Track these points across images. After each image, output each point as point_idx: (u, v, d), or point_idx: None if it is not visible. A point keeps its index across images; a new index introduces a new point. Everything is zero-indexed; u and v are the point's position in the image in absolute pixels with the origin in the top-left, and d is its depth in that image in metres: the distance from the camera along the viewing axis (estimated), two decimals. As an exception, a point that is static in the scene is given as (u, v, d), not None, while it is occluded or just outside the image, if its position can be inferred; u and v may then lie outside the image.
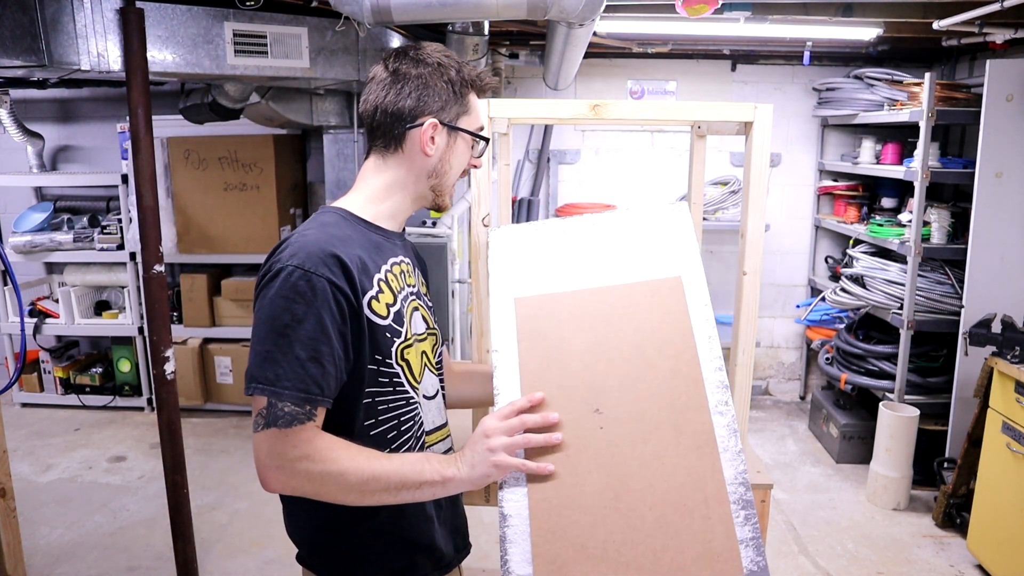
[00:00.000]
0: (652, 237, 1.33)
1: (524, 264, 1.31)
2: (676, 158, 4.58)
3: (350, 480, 1.07)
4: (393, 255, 1.25)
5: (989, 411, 2.84)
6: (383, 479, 1.08)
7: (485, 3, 2.15)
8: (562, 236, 1.35)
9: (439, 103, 1.20)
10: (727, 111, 1.54)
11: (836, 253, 4.60)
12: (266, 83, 3.17)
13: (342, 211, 1.22)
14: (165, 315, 2.41)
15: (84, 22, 2.23)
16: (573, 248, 1.33)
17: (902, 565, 2.96)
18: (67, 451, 4.02)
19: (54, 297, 4.69)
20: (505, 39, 3.90)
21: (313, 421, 1.07)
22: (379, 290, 1.17)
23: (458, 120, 1.23)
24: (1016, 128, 3.06)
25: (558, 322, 1.23)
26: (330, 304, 1.07)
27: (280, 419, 1.04)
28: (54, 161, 4.88)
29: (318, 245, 1.10)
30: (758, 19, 3.01)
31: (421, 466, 1.11)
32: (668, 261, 1.29)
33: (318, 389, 1.06)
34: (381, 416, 1.18)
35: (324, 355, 1.07)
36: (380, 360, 1.16)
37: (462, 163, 1.27)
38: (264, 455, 1.06)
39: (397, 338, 1.18)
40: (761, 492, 1.61)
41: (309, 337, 1.06)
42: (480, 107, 1.27)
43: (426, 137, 1.20)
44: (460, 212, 3.75)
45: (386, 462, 1.09)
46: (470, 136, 1.26)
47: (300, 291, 1.06)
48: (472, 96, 1.24)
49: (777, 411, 4.66)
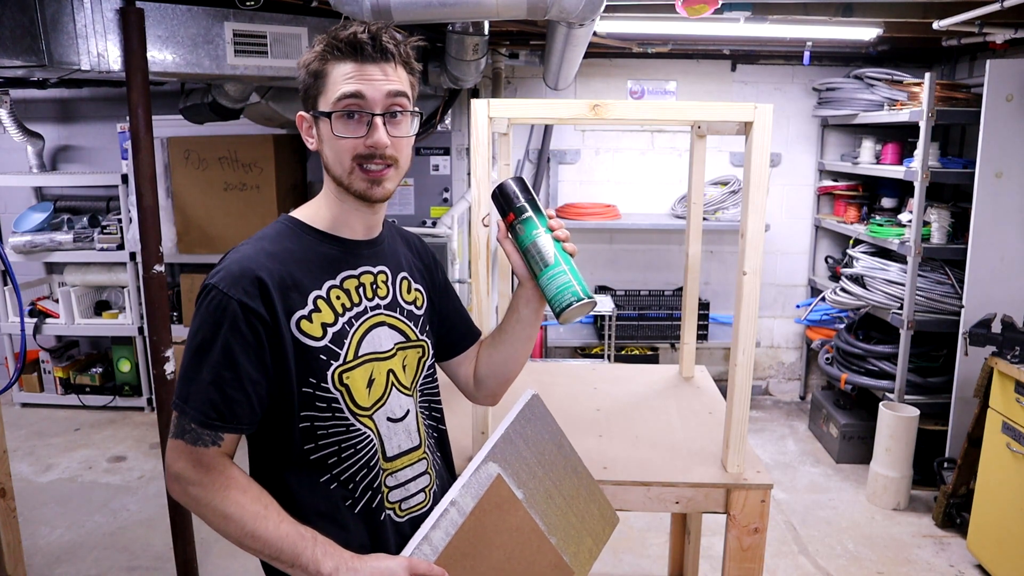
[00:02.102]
0: (583, 526, 1.38)
1: (526, 450, 1.30)
2: (676, 158, 4.59)
3: (230, 528, 1.06)
4: (351, 267, 1.18)
5: (989, 411, 2.84)
6: (260, 542, 1.06)
7: (485, 3, 2.14)
8: (559, 450, 1.37)
9: (305, 95, 1.16)
10: (727, 111, 1.54)
11: (836, 253, 4.60)
12: (266, 83, 3.17)
13: (291, 221, 1.19)
14: (165, 315, 2.41)
15: (84, 22, 2.23)
16: (555, 471, 1.35)
17: (902, 565, 2.96)
18: (67, 451, 4.02)
19: (54, 297, 4.69)
20: (505, 39, 3.90)
21: (218, 446, 1.07)
22: (314, 308, 1.12)
23: (318, 104, 1.13)
24: (1016, 128, 3.06)
25: (500, 527, 1.22)
26: (241, 329, 1.06)
27: (187, 434, 1.06)
28: (54, 161, 4.88)
29: (241, 264, 1.08)
30: (758, 19, 3.01)
31: (303, 547, 1.06)
32: (583, 553, 1.35)
33: (217, 415, 1.06)
34: (321, 441, 1.14)
35: (226, 381, 1.06)
36: (315, 383, 1.11)
37: (335, 143, 1.12)
38: (169, 462, 1.09)
39: (334, 360, 1.12)
40: (761, 492, 1.61)
41: (215, 362, 1.05)
42: (338, 72, 1.11)
43: (303, 131, 1.19)
44: (460, 212, 3.75)
45: (272, 528, 1.06)
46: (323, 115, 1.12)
47: (212, 313, 1.06)
48: (329, 67, 1.11)
49: (777, 411, 4.66)
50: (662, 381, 2.31)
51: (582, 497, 1.36)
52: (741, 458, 1.65)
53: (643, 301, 4.52)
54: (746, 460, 1.66)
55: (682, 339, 2.32)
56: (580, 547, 1.34)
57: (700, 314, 4.34)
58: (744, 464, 1.65)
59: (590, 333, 4.63)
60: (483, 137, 1.52)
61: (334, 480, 1.15)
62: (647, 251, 4.73)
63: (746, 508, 1.61)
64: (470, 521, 1.17)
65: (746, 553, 1.62)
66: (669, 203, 4.62)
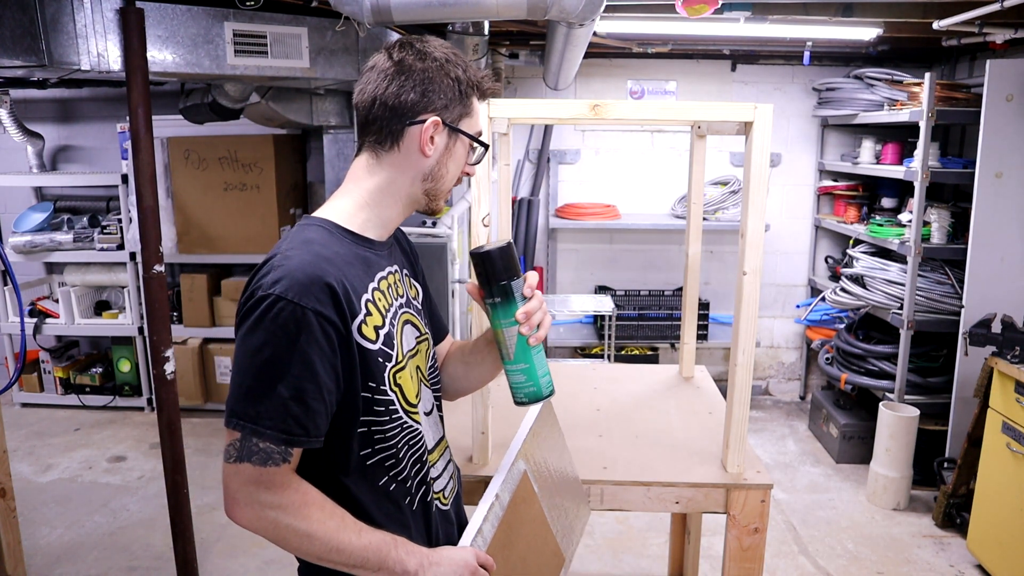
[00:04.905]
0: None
1: (545, 453, 1.40)
2: (676, 158, 4.59)
3: (314, 545, 1.04)
4: (380, 268, 1.18)
5: (989, 411, 2.84)
6: (346, 553, 1.05)
7: (485, 3, 2.14)
8: (567, 459, 1.49)
9: (443, 101, 1.12)
10: (727, 111, 1.54)
11: (836, 253, 4.60)
12: (266, 83, 3.17)
13: (327, 223, 1.14)
14: (165, 315, 2.40)
15: (84, 22, 2.23)
16: (563, 479, 1.46)
17: (902, 565, 2.96)
18: (67, 451, 4.02)
19: (54, 297, 4.69)
20: (505, 39, 3.90)
21: (288, 463, 1.02)
22: (367, 312, 1.10)
23: (460, 121, 1.15)
24: (1016, 128, 3.06)
25: (523, 523, 1.30)
26: (317, 338, 1.01)
27: (255, 455, 1.00)
28: (54, 161, 4.88)
29: (303, 271, 1.02)
30: (758, 19, 3.01)
31: (387, 552, 1.07)
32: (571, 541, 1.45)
33: (301, 430, 1.02)
34: (378, 445, 1.13)
35: (308, 393, 1.01)
36: (374, 388, 1.11)
37: (459, 167, 1.19)
38: (235, 489, 1.02)
39: (389, 362, 1.13)
40: (761, 492, 1.61)
41: (294, 375, 1.00)
42: (481, 111, 1.20)
43: (427, 136, 1.12)
44: (460, 212, 3.75)
45: (354, 538, 1.05)
46: (469, 140, 1.18)
47: (283, 325, 1.00)
48: (475, 98, 1.17)
49: (777, 411, 4.67)
50: (662, 381, 2.31)
51: (571, 490, 1.48)
52: (741, 458, 1.65)
53: (643, 301, 4.52)
54: (746, 460, 1.66)
55: (682, 339, 2.32)
56: (571, 535, 1.45)
57: (700, 314, 4.34)
58: (744, 464, 1.65)
59: (590, 333, 4.63)
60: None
61: (392, 481, 1.16)
62: (647, 251, 4.74)
63: (746, 508, 1.61)
64: (508, 514, 1.25)
65: (746, 553, 1.62)
66: (669, 203, 4.62)
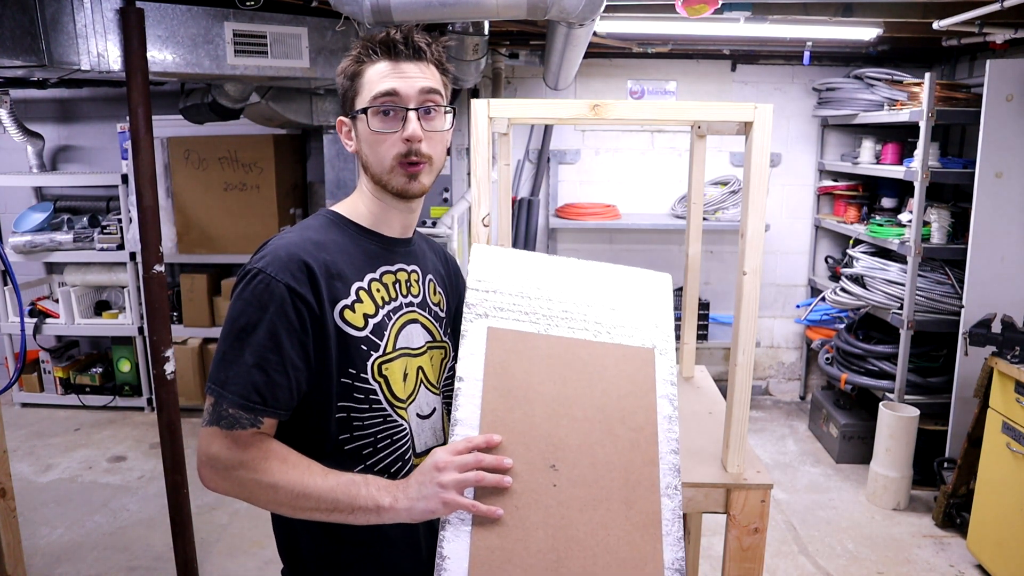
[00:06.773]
0: (634, 300, 1.31)
1: (503, 292, 1.23)
2: (676, 158, 4.59)
3: (280, 495, 1.05)
4: (388, 263, 1.21)
5: (989, 411, 2.85)
6: (314, 498, 1.05)
7: (485, 3, 2.14)
8: (546, 273, 1.28)
9: (344, 99, 1.19)
10: (727, 111, 1.54)
11: (836, 253, 4.60)
12: (266, 83, 3.17)
13: (333, 214, 1.21)
14: (165, 315, 2.40)
15: (84, 22, 2.23)
16: (555, 290, 1.26)
17: (902, 565, 2.96)
18: (67, 451, 4.02)
19: (54, 297, 4.69)
20: (505, 39, 3.90)
21: (256, 428, 1.06)
22: (356, 299, 1.14)
23: (355, 104, 1.16)
24: (1016, 128, 3.06)
25: (529, 364, 1.16)
26: (287, 312, 1.06)
27: (223, 419, 1.04)
28: (54, 161, 4.88)
29: (288, 249, 1.09)
30: (758, 19, 3.01)
31: (356, 490, 1.06)
32: (645, 330, 1.26)
33: (259, 398, 1.05)
34: (356, 432, 1.14)
35: (271, 363, 1.05)
36: (354, 374, 1.12)
37: (378, 142, 1.15)
38: (203, 451, 1.06)
39: (375, 351, 1.14)
40: (761, 492, 1.61)
41: (259, 344, 1.05)
42: (374, 72, 1.14)
43: (343, 136, 1.21)
44: (460, 212, 3.75)
45: (320, 480, 1.06)
46: (360, 113, 1.15)
47: (259, 296, 1.06)
48: (364, 68, 1.15)
49: (777, 411, 4.67)
50: (662, 381, 2.30)
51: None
52: (741, 458, 1.65)
53: (643, 301, 4.51)
54: (746, 460, 1.66)
55: (682, 339, 2.31)
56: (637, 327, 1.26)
57: (700, 314, 4.34)
58: (744, 464, 1.65)
59: (590, 333, 4.63)
60: (483, 137, 1.52)
61: (367, 471, 1.16)
62: (647, 251, 4.74)
63: (746, 508, 1.61)
64: (490, 381, 1.13)
65: (746, 553, 1.62)
66: (669, 203, 4.62)
